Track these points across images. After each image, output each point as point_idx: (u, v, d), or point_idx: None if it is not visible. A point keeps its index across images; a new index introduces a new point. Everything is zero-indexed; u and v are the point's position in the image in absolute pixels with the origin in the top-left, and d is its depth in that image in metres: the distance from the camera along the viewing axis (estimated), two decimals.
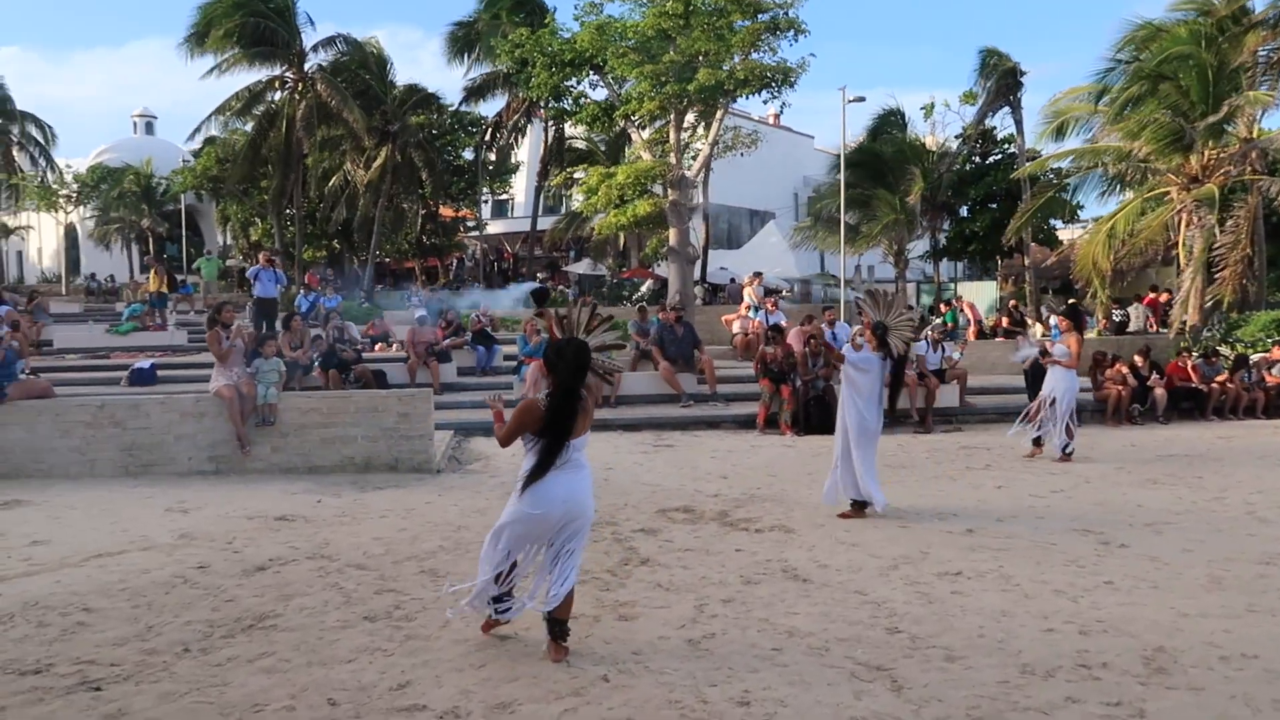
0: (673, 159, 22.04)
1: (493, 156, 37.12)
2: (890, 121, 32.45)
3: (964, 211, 31.35)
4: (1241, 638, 4.73)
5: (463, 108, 34.90)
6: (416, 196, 34.99)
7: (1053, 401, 10.12)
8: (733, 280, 30.60)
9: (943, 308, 22.03)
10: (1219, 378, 14.19)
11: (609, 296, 30.21)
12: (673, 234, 22.47)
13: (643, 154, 23.10)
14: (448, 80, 77.20)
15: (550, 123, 33.68)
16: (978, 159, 31.10)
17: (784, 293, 32.12)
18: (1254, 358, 15.08)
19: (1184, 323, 18.53)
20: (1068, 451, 10.20)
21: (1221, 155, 19.19)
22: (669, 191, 21.92)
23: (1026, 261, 28.56)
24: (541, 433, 4.42)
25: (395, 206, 33.48)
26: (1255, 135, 20.05)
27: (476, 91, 34.35)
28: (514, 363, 14.56)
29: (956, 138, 31.01)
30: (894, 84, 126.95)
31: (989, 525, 7.30)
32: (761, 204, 45.19)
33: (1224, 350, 16.35)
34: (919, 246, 34.14)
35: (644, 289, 33.11)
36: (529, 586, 4.73)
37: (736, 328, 18.34)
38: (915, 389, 12.85)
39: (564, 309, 4.94)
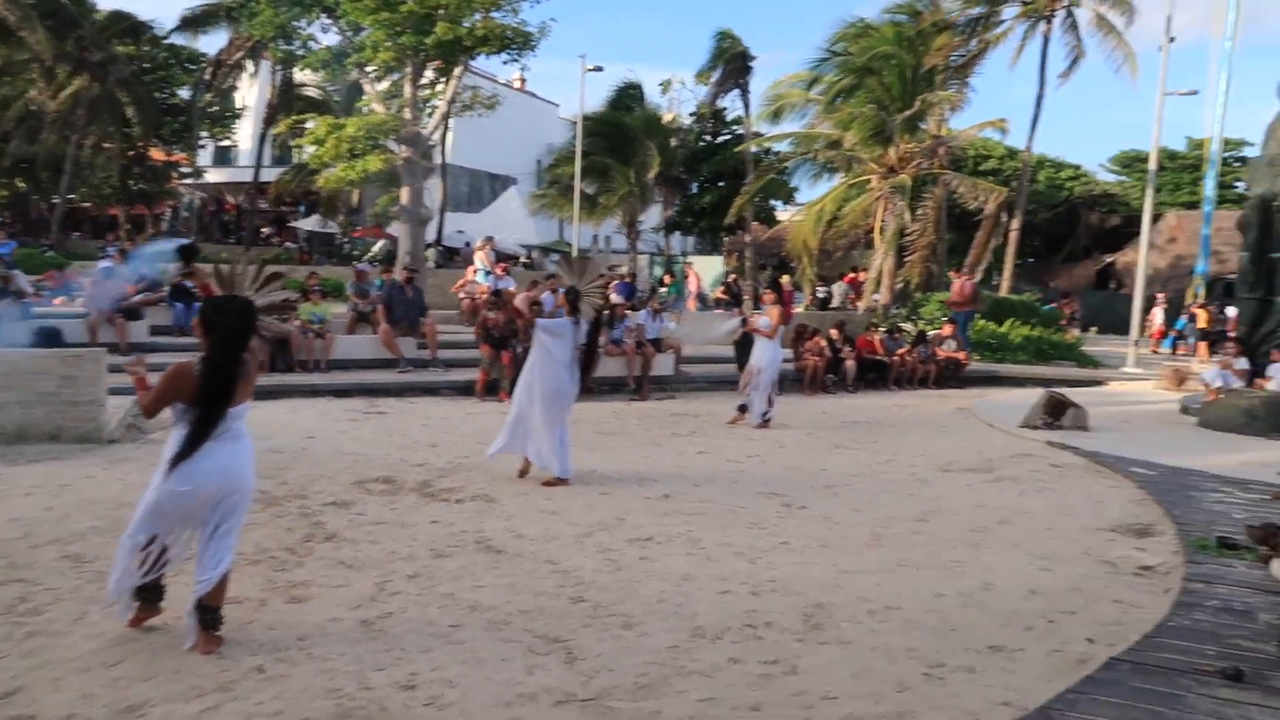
0: (407, 114, 21.17)
1: (211, 98, 33.91)
2: (630, 95, 33.01)
3: (695, 187, 32.62)
4: (889, 591, 5.15)
5: (179, 40, 31.55)
6: (121, 135, 31.31)
7: (759, 370, 10.68)
8: (467, 244, 30.04)
9: (667, 279, 22.77)
10: (900, 351, 15.67)
11: (338, 255, 28.60)
12: (405, 192, 21.63)
13: (376, 107, 22.00)
14: (166, 6, 69.54)
15: (278, 66, 31.24)
16: (709, 137, 32.41)
17: (520, 259, 32.02)
18: (929, 334, 16.79)
19: (876, 300, 20.33)
20: (766, 419, 10.82)
21: (915, 149, 21.15)
22: (402, 148, 21.05)
23: (748, 238, 30.17)
24: (196, 401, 3.98)
25: (94, 144, 29.75)
26: (943, 133, 22.29)
27: (195, 23, 31.05)
28: None
29: (690, 115, 32.13)
30: (636, 59, 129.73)
31: (686, 490, 7.55)
32: (504, 169, 44.67)
33: (906, 326, 18.10)
34: (653, 219, 35.19)
35: (375, 249, 31.74)
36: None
37: (463, 292, 17.96)
38: (633, 357, 13.16)
39: (227, 265, 4.45)
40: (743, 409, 11.05)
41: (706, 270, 30.82)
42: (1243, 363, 12.16)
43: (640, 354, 13.37)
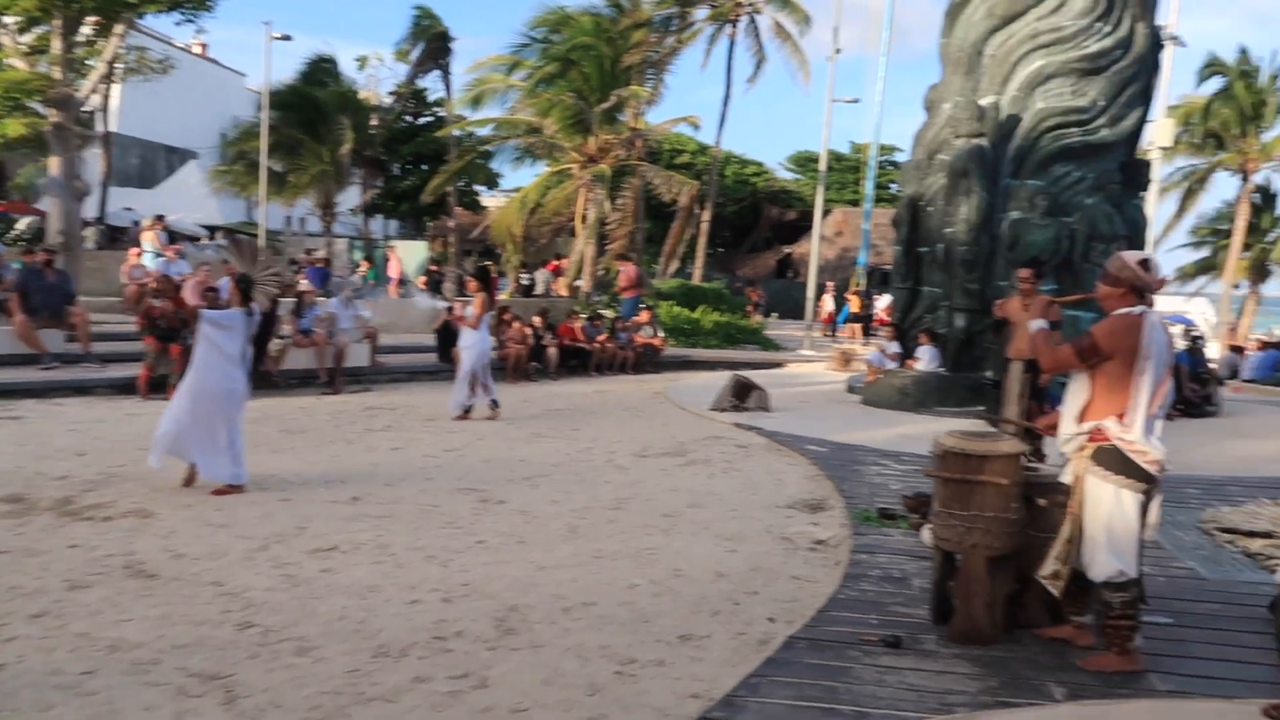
0: (57, 74, 18.45)
1: None
2: (323, 69, 31.14)
3: (396, 170, 31.42)
4: (584, 586, 5.08)
5: None
6: None
7: (460, 360, 10.36)
8: (135, 224, 26.96)
9: (364, 264, 21.72)
10: (600, 338, 15.98)
11: None
12: (55, 162, 18.82)
13: (16, 63, 18.97)
14: None
15: None
16: (410, 118, 31.33)
17: (202, 240, 29.21)
18: (628, 320, 17.28)
19: (578, 287, 20.63)
20: (467, 410, 10.53)
21: (614, 140, 21.64)
22: (52, 112, 18.31)
23: (451, 224, 29.58)
24: None
25: None
26: (640, 126, 23.01)
27: None
28: None
29: (390, 94, 30.87)
30: (330, 32, 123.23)
31: (377, 491, 7.11)
32: (183, 141, 40.63)
33: (607, 313, 18.51)
34: (353, 201, 33.52)
35: (21, 226, 27.64)
36: None
37: (127, 277, 16.02)
38: (325, 348, 12.34)
39: None
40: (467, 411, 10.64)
41: (411, 256, 29.83)
42: (895, 346, 13.56)
43: (332, 344, 12.55)
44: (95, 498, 6.54)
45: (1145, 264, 4.09)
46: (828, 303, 32.20)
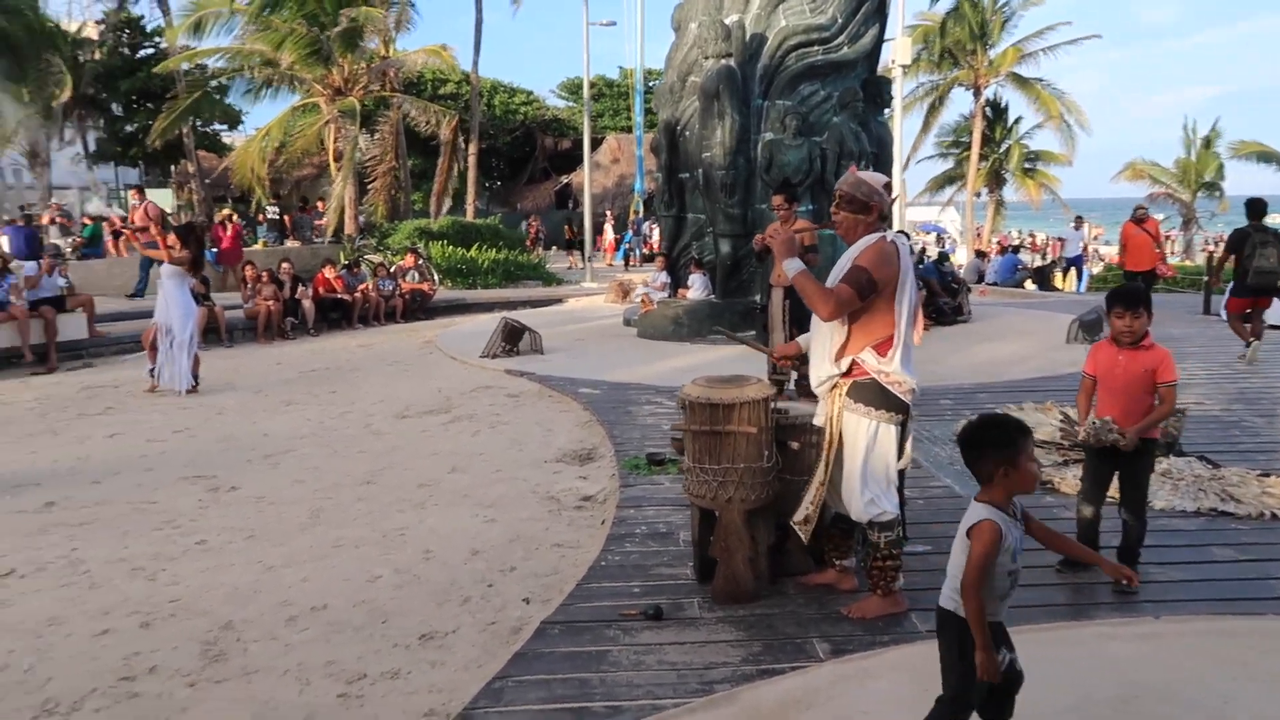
0: None
1: None
2: None
3: (119, 110, 28.02)
4: (317, 586, 4.46)
5: None
6: None
7: (168, 329, 9.15)
8: None
9: (86, 220, 19.24)
10: (362, 286, 14.90)
11: None
12: None
13: None
14: None
15: None
16: (126, 50, 27.88)
17: None
18: (394, 265, 16.23)
19: (339, 233, 19.21)
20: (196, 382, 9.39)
21: (362, 70, 20.08)
22: None
23: (192, 169, 26.83)
24: None
25: None
26: (390, 54, 21.46)
27: None
28: None
29: (99, 24, 27.27)
30: None
31: (80, 491, 6.10)
32: None
33: (374, 258, 17.35)
34: (75, 148, 29.68)
35: None
36: None
37: None
38: (26, 322, 10.69)
39: None
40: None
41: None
42: (664, 276, 13.42)
43: (38, 316, 10.90)
44: None
45: (888, 187, 3.87)
46: (609, 233, 32.03)
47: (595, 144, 34.11)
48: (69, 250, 15.64)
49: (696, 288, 12.40)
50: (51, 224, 17.40)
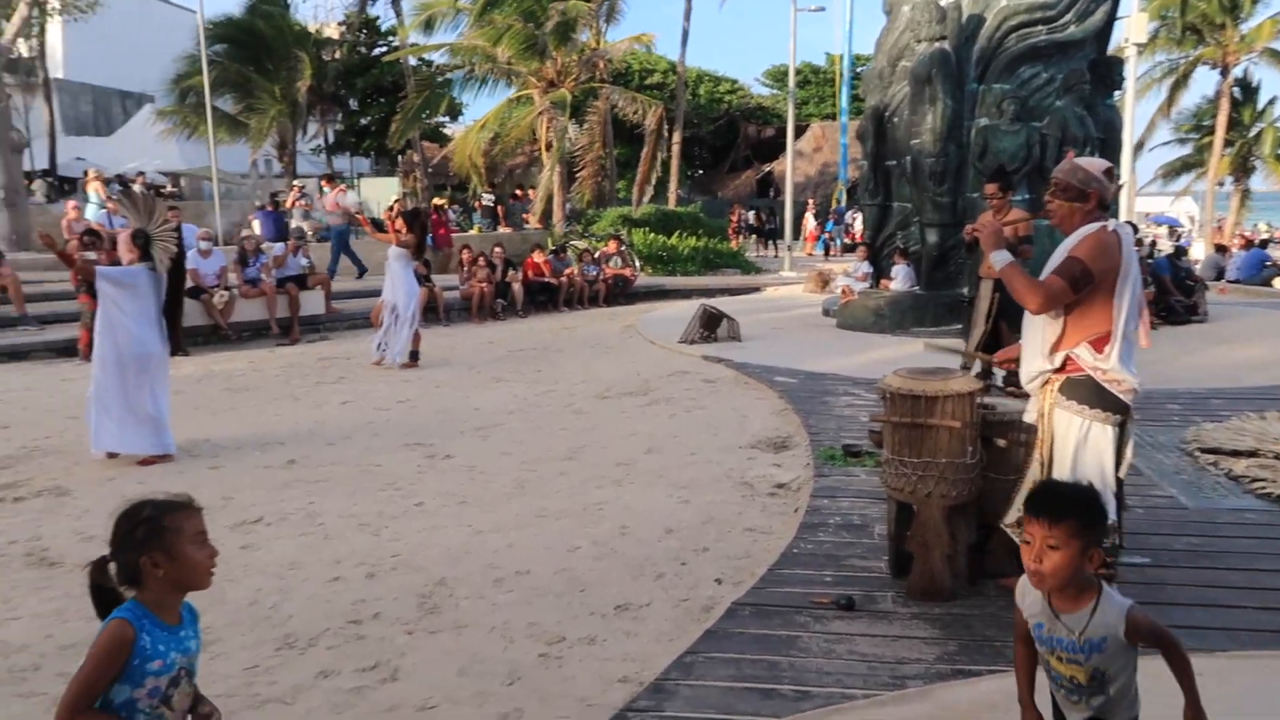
0: None
1: None
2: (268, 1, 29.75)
3: (355, 105, 30.34)
4: (521, 553, 4.72)
5: None
6: None
7: (394, 307, 9.86)
8: (86, 174, 26.01)
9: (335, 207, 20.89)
10: (568, 271, 15.47)
11: None
12: None
13: None
14: None
15: None
16: (363, 49, 30.12)
17: (165, 189, 28.21)
18: (597, 251, 16.74)
19: (549, 219, 20.00)
20: (414, 356, 10.06)
21: (573, 62, 20.76)
22: None
23: (417, 158, 28.68)
24: None
25: None
26: (601, 46, 22.07)
27: None
28: None
29: (340, 24, 29.60)
30: None
31: (316, 452, 6.72)
32: (138, 85, 38.99)
33: (580, 244, 17.96)
34: (314, 140, 32.43)
35: None
36: None
37: (68, 233, 15.33)
38: (273, 297, 11.83)
39: None
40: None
41: (381, 193, 28.86)
42: (866, 266, 13.10)
43: (283, 293, 12.05)
44: (10, 475, 6.14)
45: (1110, 173, 3.64)
46: (809, 221, 31.56)
47: (799, 132, 33.65)
48: (310, 234, 17.08)
49: (900, 278, 12.05)
50: (294, 208, 19.08)
